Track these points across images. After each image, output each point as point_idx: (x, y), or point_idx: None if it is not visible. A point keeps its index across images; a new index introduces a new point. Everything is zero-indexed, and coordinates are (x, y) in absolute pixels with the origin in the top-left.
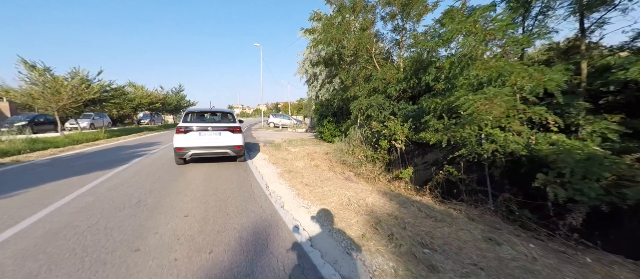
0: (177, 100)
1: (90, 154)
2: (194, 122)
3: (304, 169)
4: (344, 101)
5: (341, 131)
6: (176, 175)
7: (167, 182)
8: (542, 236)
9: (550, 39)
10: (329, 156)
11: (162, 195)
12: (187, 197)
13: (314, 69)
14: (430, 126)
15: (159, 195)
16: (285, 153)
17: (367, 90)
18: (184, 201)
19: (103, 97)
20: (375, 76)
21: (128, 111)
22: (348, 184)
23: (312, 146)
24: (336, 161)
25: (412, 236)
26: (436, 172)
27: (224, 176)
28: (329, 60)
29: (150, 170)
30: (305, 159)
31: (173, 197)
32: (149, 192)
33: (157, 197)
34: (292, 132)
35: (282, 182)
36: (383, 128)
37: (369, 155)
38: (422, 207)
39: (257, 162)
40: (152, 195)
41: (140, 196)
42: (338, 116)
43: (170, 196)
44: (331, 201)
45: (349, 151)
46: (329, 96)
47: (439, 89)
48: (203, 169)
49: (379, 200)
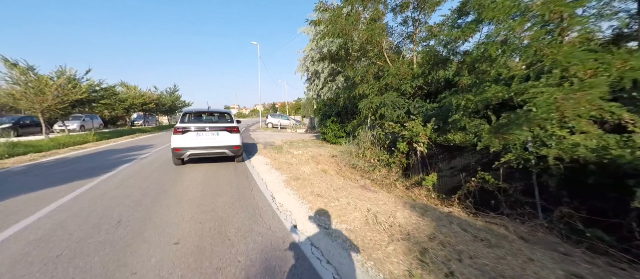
0: (172, 100)
1: (75, 160)
2: (192, 123)
3: (311, 175)
4: (351, 99)
5: (346, 131)
6: (167, 185)
7: (157, 194)
8: (624, 265)
9: (622, 20)
10: (336, 160)
11: (149, 212)
12: (179, 215)
13: (316, 66)
14: (459, 125)
15: (145, 212)
16: (288, 156)
17: (378, 87)
18: (174, 221)
19: (92, 97)
20: (388, 71)
21: (120, 112)
22: (366, 194)
23: (315, 148)
24: (345, 165)
25: (477, 274)
26: (467, 179)
27: (223, 184)
28: (335, 56)
29: (138, 178)
30: (310, 163)
31: (162, 216)
32: (134, 208)
33: (143, 215)
34: (291, 133)
35: (289, 193)
36: (401, 129)
37: (383, 159)
38: (464, 224)
39: (259, 167)
40: (136, 212)
41: (122, 214)
42: (342, 116)
43: (159, 214)
44: (353, 218)
45: (358, 154)
46: (332, 94)
47: (465, 85)
48: (199, 175)
49: (409, 216)
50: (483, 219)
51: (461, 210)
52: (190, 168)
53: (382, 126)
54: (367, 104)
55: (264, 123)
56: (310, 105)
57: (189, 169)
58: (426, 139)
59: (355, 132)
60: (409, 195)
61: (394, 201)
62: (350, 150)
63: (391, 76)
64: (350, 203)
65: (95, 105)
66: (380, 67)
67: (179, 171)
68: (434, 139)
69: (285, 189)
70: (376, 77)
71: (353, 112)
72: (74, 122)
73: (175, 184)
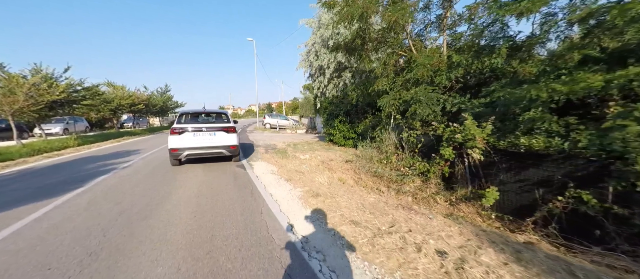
0: (163, 101)
1: (42, 170)
2: (189, 123)
3: (331, 188)
4: (365, 96)
5: (357, 133)
6: (149, 208)
7: (132, 225)
8: None
9: None
10: (351, 166)
11: (118, 254)
12: (159, 261)
13: (321, 60)
14: (532, 126)
15: (112, 254)
16: (296, 163)
17: (402, 81)
18: (152, 276)
19: (72, 98)
20: (415, 62)
21: (106, 114)
22: (416, 219)
23: (323, 152)
24: (365, 173)
25: None
26: (547, 197)
27: (223, 205)
28: (349, 45)
29: (112, 198)
30: (324, 172)
31: (135, 262)
32: (98, 249)
33: (108, 261)
34: (291, 134)
35: (313, 219)
36: (448, 131)
37: (418, 166)
38: (586, 274)
39: (265, 177)
40: (101, 253)
41: (81, 258)
42: (352, 115)
43: (132, 259)
44: (424, 271)
45: (381, 160)
46: (337, 92)
47: (531, 74)
48: (191, 191)
49: (497, 259)
50: (587, 255)
51: (540, 239)
52: (180, 181)
53: (411, 127)
54: (390, 100)
55: (261, 124)
56: (308, 104)
57: (178, 182)
58: (484, 143)
59: (369, 133)
60: (458, 213)
61: (458, 231)
62: (370, 155)
63: (421, 67)
64: (405, 240)
65: (76, 106)
66: (405, 58)
67: (166, 186)
68: (493, 144)
69: (304, 210)
70: (397, 72)
71: (365, 110)
72: (56, 126)
73: (159, 207)
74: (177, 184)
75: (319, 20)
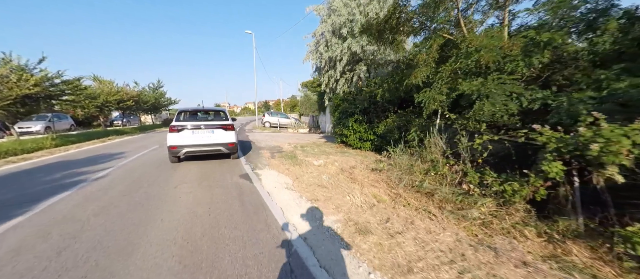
0: (156, 97)
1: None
2: (187, 121)
3: (377, 214)
4: (394, 90)
5: (377, 134)
6: (119, 248)
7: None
8: None
9: None
10: (381, 177)
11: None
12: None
13: (331, 52)
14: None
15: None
16: (311, 171)
17: (450, 70)
18: None
19: (50, 92)
20: (472, 44)
21: (92, 111)
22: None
23: (338, 156)
24: (404, 188)
25: None
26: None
27: (229, 253)
28: (382, 25)
29: (57, 237)
30: (351, 186)
31: None
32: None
33: None
34: (294, 133)
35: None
36: (553, 138)
37: (494, 185)
38: None
39: (280, 195)
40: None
41: None
42: (370, 114)
43: None
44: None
45: (426, 172)
46: (351, 87)
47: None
48: (181, 225)
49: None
50: None
51: None
52: (166, 202)
53: (473, 129)
54: (433, 95)
55: (260, 122)
56: (308, 102)
57: (163, 206)
58: (631, 156)
59: (394, 135)
60: (567, 257)
61: None
62: (407, 163)
63: (486, 51)
64: None
65: (55, 102)
66: (452, 42)
67: (144, 212)
68: None
69: (359, 266)
70: (439, 60)
71: (385, 108)
72: (37, 124)
73: (131, 256)
74: (162, 209)
75: (330, 6)
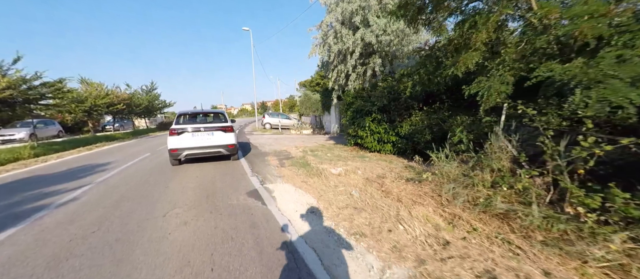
0: (149, 100)
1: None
2: (187, 124)
3: (474, 265)
4: (427, 83)
5: (400, 135)
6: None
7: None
8: None
9: None
10: (423, 188)
11: None
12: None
13: (342, 43)
14: None
15: None
16: (335, 184)
17: (515, 52)
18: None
19: (27, 96)
20: (571, 11)
21: (79, 116)
22: None
23: (358, 161)
24: (463, 206)
25: None
26: None
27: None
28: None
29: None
30: (394, 204)
31: None
32: None
33: None
34: (297, 134)
35: None
36: None
37: (629, 211)
38: None
39: (306, 225)
40: None
41: None
42: (392, 112)
43: None
44: None
45: (498, 185)
46: (365, 83)
47: None
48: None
49: None
50: None
51: None
52: (151, 242)
53: (564, 130)
54: (496, 85)
55: (260, 124)
56: (308, 102)
57: (147, 250)
58: None
59: (425, 135)
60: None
61: None
62: (461, 173)
63: (584, 21)
64: None
65: (34, 107)
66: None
67: (114, 267)
68: None
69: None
70: (494, 43)
71: (408, 105)
72: (21, 131)
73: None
74: (139, 262)
75: None
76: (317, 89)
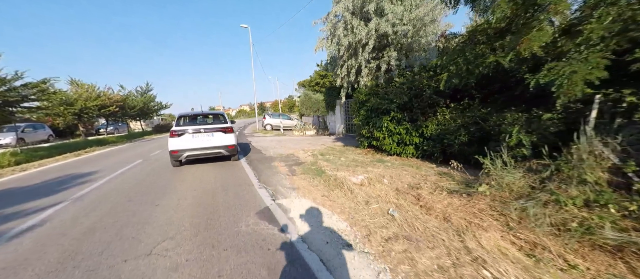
0: (144, 102)
1: None
2: (188, 125)
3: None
4: (467, 74)
5: (425, 136)
6: None
7: None
8: None
9: None
10: (478, 203)
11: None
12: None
13: (354, 35)
14: None
15: None
16: (366, 199)
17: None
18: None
19: (6, 98)
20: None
21: (68, 119)
22: None
23: (379, 167)
24: (548, 234)
25: None
26: None
27: None
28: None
29: None
30: (463, 237)
31: None
32: None
33: None
34: (300, 136)
35: None
36: None
37: None
38: None
39: (346, 270)
40: None
41: None
42: (414, 110)
43: None
44: None
45: (595, 204)
46: (379, 79)
47: None
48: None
49: None
50: None
51: None
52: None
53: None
54: (583, 70)
55: (260, 125)
56: (309, 101)
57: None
58: None
59: (460, 136)
60: None
61: None
62: (531, 186)
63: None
64: None
65: (15, 110)
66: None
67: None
68: None
69: None
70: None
71: (433, 102)
72: (7, 136)
73: None
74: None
75: None
76: (317, 89)
